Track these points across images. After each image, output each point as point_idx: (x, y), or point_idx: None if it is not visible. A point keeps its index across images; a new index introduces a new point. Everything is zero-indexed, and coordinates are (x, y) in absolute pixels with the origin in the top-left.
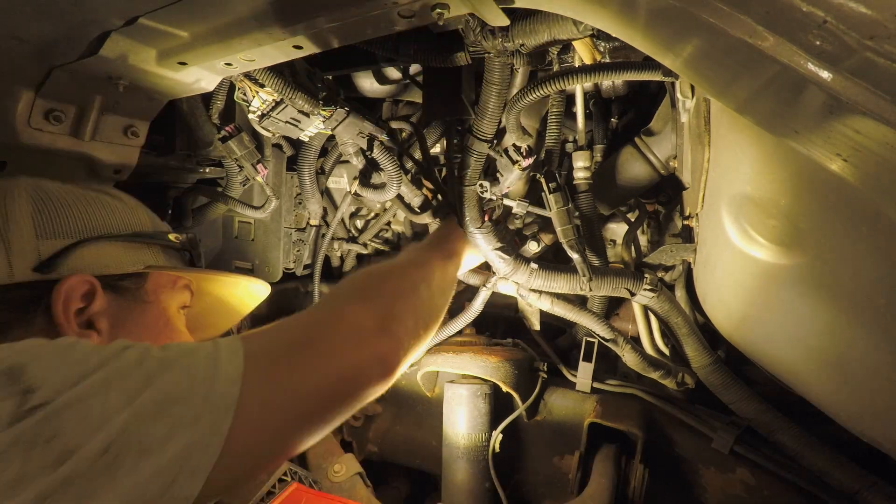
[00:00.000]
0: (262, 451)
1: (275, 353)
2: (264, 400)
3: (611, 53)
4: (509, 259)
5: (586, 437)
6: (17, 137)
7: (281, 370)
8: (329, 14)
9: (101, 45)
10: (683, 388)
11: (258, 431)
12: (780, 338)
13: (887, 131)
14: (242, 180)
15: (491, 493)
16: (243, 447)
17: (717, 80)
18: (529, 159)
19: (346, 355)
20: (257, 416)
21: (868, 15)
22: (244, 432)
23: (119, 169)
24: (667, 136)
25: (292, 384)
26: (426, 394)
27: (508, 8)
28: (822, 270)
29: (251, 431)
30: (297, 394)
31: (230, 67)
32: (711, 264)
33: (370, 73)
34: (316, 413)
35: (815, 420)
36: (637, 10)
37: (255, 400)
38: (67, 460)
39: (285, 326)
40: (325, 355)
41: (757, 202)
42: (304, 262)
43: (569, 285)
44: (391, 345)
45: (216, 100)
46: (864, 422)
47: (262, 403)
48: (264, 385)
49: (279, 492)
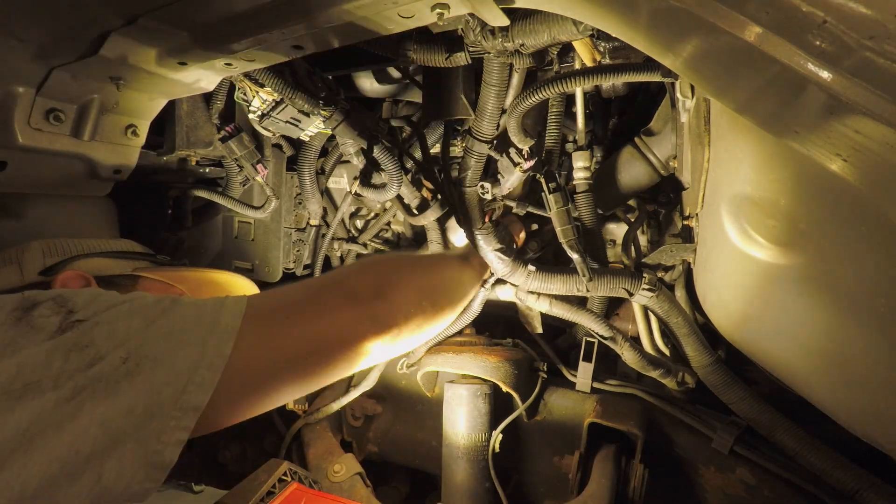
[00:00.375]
0: (259, 381)
1: (274, 303)
2: (261, 336)
3: (611, 53)
4: (508, 260)
5: (586, 437)
6: (17, 137)
7: (277, 316)
8: (329, 14)
9: (101, 45)
10: (683, 387)
11: (255, 360)
12: (779, 338)
13: (887, 131)
14: (242, 180)
15: (491, 493)
16: (242, 373)
17: (717, 80)
18: (531, 161)
19: (339, 312)
20: (255, 348)
21: (868, 15)
22: (243, 359)
23: (119, 169)
24: (667, 136)
25: (287, 328)
26: (426, 394)
27: (508, 8)
28: (821, 270)
29: (249, 359)
30: (290, 336)
31: (230, 67)
32: (711, 264)
33: (370, 73)
34: (308, 358)
35: (815, 420)
36: (637, 10)
37: (254, 334)
38: (97, 364)
39: (289, 286)
40: (319, 310)
41: (757, 202)
42: (304, 262)
43: (566, 286)
44: (385, 306)
45: (216, 100)
46: (864, 422)
47: (259, 338)
48: (262, 325)
49: (279, 492)
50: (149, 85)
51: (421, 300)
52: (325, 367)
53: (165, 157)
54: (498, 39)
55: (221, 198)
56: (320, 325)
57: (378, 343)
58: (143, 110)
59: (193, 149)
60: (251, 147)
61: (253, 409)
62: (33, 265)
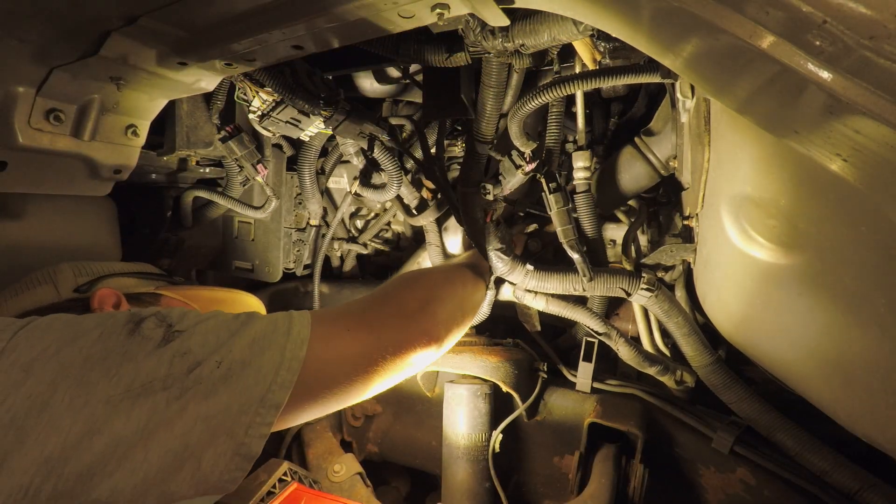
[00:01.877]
0: (327, 384)
1: (336, 317)
2: (327, 344)
3: (611, 53)
4: (507, 259)
5: (586, 437)
6: (17, 137)
7: (339, 328)
8: (329, 14)
9: (101, 45)
10: (683, 386)
11: (324, 365)
12: (779, 338)
13: (887, 131)
14: (242, 180)
15: (491, 493)
16: (314, 376)
17: (717, 80)
18: (533, 164)
19: (391, 325)
20: (323, 354)
21: (868, 15)
22: (314, 364)
23: (119, 169)
24: (667, 136)
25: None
26: (426, 394)
27: (508, 8)
28: (821, 270)
29: (319, 364)
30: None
31: (230, 67)
32: (711, 264)
33: (370, 73)
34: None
35: (815, 420)
36: (638, 10)
37: (321, 343)
38: (196, 368)
39: (345, 305)
40: (375, 323)
41: (757, 202)
42: (304, 262)
43: (563, 286)
44: (431, 321)
45: (216, 100)
46: (864, 422)
47: (326, 346)
48: (327, 335)
49: (279, 492)
50: (149, 85)
51: (456, 313)
52: (380, 373)
53: (165, 157)
54: (498, 40)
55: (221, 198)
56: (376, 337)
57: (425, 353)
58: (144, 110)
59: (193, 149)
60: (251, 147)
61: (322, 408)
62: (67, 284)
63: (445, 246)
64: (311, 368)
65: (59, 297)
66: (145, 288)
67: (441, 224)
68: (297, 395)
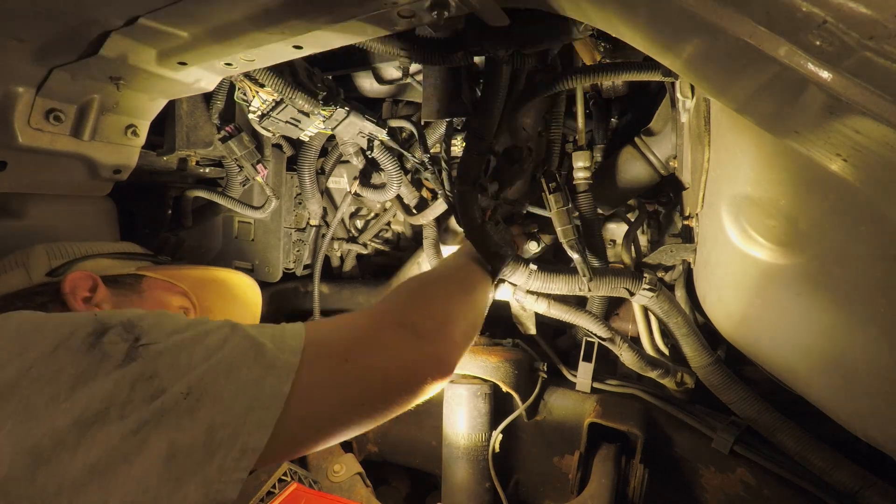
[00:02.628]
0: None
1: (334, 337)
2: (321, 373)
3: (611, 53)
4: (508, 259)
5: (586, 437)
6: (17, 137)
7: (338, 351)
8: (329, 14)
9: (101, 45)
10: (683, 387)
11: (314, 400)
12: (779, 338)
13: (887, 131)
14: (242, 180)
15: (491, 493)
16: (300, 414)
17: (717, 80)
18: (532, 162)
19: (402, 350)
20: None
21: (868, 15)
22: (301, 399)
23: (119, 169)
24: (667, 136)
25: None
26: None
27: (508, 8)
28: (821, 271)
29: (308, 399)
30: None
31: (230, 67)
32: (711, 264)
33: (370, 73)
34: (370, 398)
35: (815, 420)
36: (637, 10)
37: (313, 371)
38: (160, 396)
39: (346, 321)
40: (382, 347)
41: (757, 202)
42: (304, 262)
43: (567, 286)
44: (447, 346)
45: (216, 100)
46: (864, 422)
47: (319, 375)
48: (321, 361)
49: (279, 492)
50: (149, 85)
51: (470, 331)
52: (386, 407)
53: (165, 157)
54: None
55: (221, 198)
56: (383, 364)
57: (439, 384)
58: (143, 110)
59: (193, 149)
60: (251, 147)
61: (313, 447)
62: (39, 268)
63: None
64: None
65: (31, 282)
66: (125, 269)
67: (442, 223)
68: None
